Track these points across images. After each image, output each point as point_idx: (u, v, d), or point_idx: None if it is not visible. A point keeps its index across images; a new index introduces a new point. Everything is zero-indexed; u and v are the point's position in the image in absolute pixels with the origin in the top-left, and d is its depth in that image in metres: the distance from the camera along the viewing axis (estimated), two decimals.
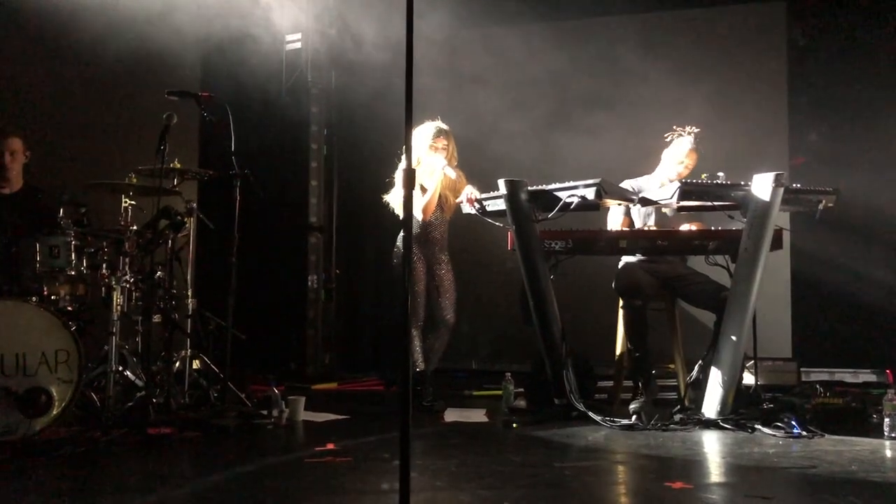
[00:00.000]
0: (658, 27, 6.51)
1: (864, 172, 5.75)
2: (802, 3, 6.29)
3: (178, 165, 4.55)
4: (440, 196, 4.83)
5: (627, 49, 6.35)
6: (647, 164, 4.92)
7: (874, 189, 5.64)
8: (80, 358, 3.70)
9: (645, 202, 4.54)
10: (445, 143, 4.79)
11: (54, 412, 3.63)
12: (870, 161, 5.90)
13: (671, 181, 4.69)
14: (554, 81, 6.34)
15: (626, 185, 4.77)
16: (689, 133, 4.74)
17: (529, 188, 4.40)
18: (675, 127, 4.80)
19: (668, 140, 4.81)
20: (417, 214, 4.77)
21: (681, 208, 4.54)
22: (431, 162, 4.79)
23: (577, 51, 6.31)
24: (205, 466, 3.42)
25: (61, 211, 4.11)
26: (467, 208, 4.72)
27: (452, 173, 4.74)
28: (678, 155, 4.72)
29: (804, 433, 3.88)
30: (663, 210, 4.71)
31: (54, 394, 3.64)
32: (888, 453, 3.61)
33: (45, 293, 4.01)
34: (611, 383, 4.89)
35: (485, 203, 4.61)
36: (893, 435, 3.85)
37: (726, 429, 4.05)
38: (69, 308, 4.09)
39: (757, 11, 6.41)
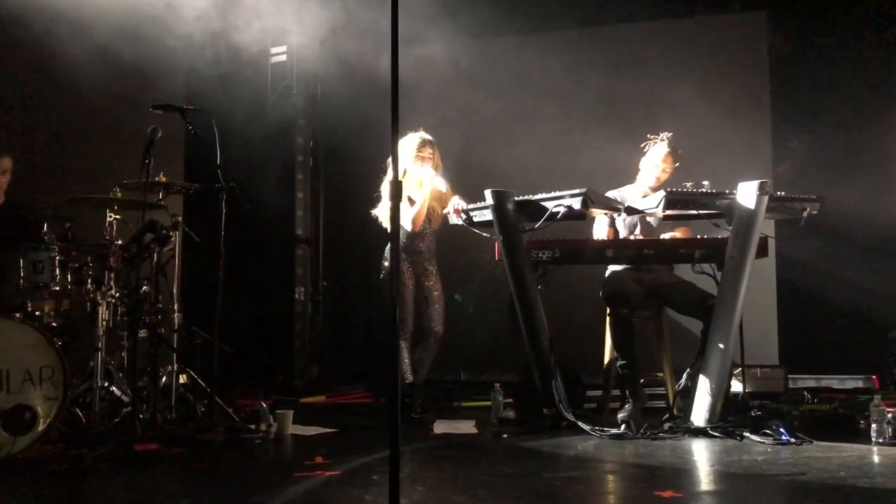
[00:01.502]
0: (641, 38, 6.55)
1: (848, 179, 5.79)
2: (783, 12, 6.35)
3: (164, 179, 4.53)
4: (428, 207, 4.82)
5: (611, 60, 6.40)
6: (631, 173, 4.94)
7: (858, 196, 5.68)
8: (64, 374, 3.66)
9: (631, 211, 4.56)
10: (431, 152, 4.80)
11: (39, 429, 3.59)
12: (853, 168, 5.96)
13: (651, 188, 4.73)
14: (539, 93, 6.37)
15: (609, 195, 4.78)
16: (663, 139, 4.78)
17: (516, 198, 4.41)
18: (649, 136, 4.84)
19: (644, 150, 4.85)
20: (406, 225, 4.77)
21: (666, 217, 4.56)
22: (418, 173, 4.80)
23: (561, 62, 6.34)
24: (192, 482, 3.39)
25: (45, 226, 4.08)
26: (454, 219, 4.72)
27: (443, 185, 4.74)
28: (655, 160, 4.76)
29: (792, 440, 3.89)
30: (647, 219, 4.74)
31: (39, 411, 3.60)
32: (876, 459, 3.63)
33: (29, 309, 3.98)
34: (599, 392, 4.89)
35: (472, 213, 4.62)
36: (881, 440, 3.86)
37: (715, 437, 4.05)
38: (54, 324, 4.06)
39: (738, 21, 6.47)
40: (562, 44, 6.57)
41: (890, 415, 3.91)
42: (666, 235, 4.71)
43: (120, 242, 4.25)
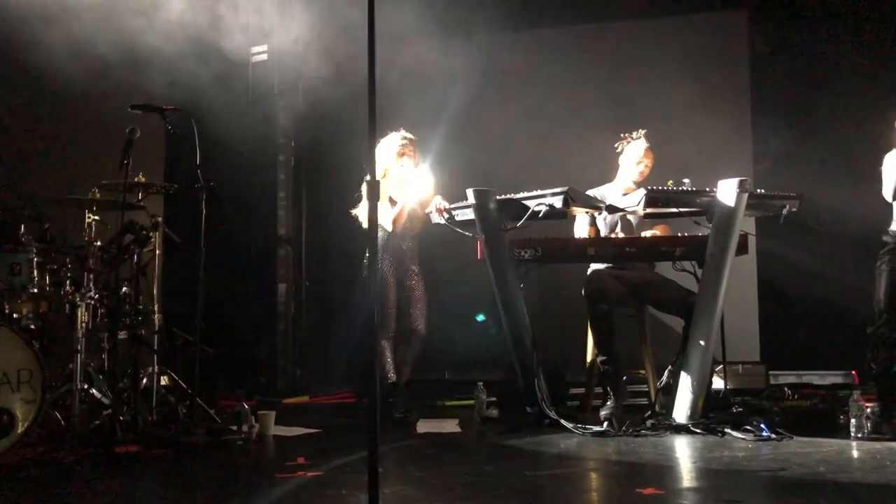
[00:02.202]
0: (622, 36, 6.57)
1: (828, 177, 5.84)
2: (763, 12, 6.40)
3: (143, 179, 4.50)
4: (409, 209, 4.82)
5: (591, 58, 6.41)
6: (611, 171, 4.96)
7: (837, 193, 5.73)
8: (43, 377, 3.62)
9: (612, 210, 4.58)
10: (412, 151, 4.80)
11: (17, 433, 3.55)
12: (832, 165, 6.00)
13: (635, 182, 4.75)
14: (521, 91, 6.37)
15: (590, 194, 4.80)
16: (637, 137, 4.81)
17: (498, 197, 4.42)
18: (622, 135, 4.87)
19: (618, 150, 4.88)
20: (387, 226, 4.76)
21: (647, 215, 4.58)
22: (400, 173, 4.80)
23: (543, 61, 6.35)
24: (173, 485, 3.37)
25: (23, 227, 4.03)
26: (436, 218, 4.72)
27: (428, 187, 4.74)
28: (636, 156, 4.79)
29: (773, 436, 3.92)
30: (628, 217, 4.76)
31: (17, 414, 3.55)
32: (854, 454, 3.66)
33: (7, 311, 3.93)
34: (582, 390, 4.91)
35: (454, 213, 4.62)
36: (860, 435, 3.90)
37: (697, 433, 4.07)
38: (32, 326, 4.01)
39: (719, 20, 6.50)
40: (544, 43, 6.58)
41: (868, 410, 3.96)
42: (647, 233, 4.72)
43: (99, 243, 4.22)
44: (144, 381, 4.41)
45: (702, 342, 4.21)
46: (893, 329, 4.23)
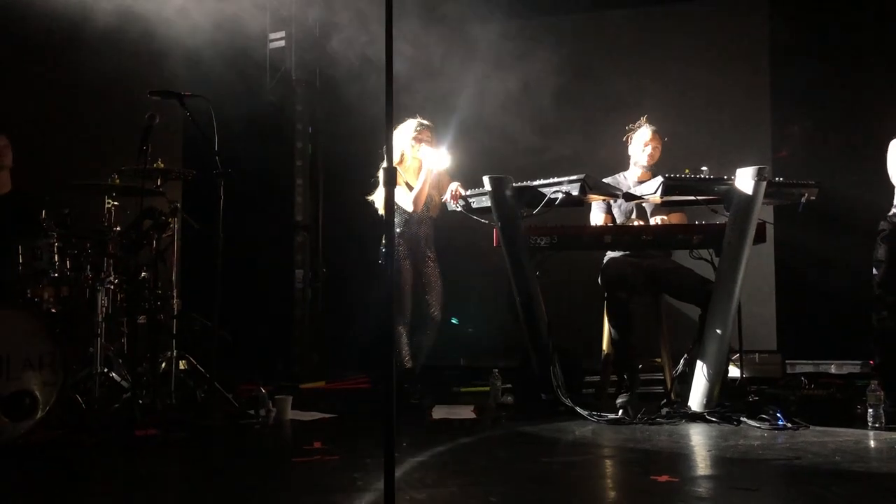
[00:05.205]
0: (639, 22, 6.52)
1: (848, 164, 5.78)
2: None
3: (162, 165, 4.53)
4: (426, 195, 4.82)
5: (611, 45, 6.37)
6: (627, 161, 4.94)
7: (858, 181, 5.67)
8: (64, 360, 3.67)
9: (629, 197, 4.57)
10: (429, 136, 4.80)
11: (39, 415, 3.61)
12: (852, 153, 5.94)
13: (644, 166, 4.75)
14: (538, 78, 6.34)
15: (605, 182, 4.78)
16: (640, 125, 4.82)
17: (514, 184, 4.41)
18: (627, 127, 4.86)
19: (626, 141, 4.88)
20: (408, 207, 4.78)
21: (664, 203, 4.56)
22: (419, 155, 4.80)
23: (561, 47, 6.31)
24: (191, 467, 3.41)
25: (43, 213, 4.08)
26: (452, 205, 4.72)
27: (447, 161, 4.74)
28: (642, 141, 4.80)
29: (789, 425, 3.91)
30: (643, 205, 4.74)
31: (39, 396, 3.61)
32: (871, 444, 3.64)
33: (29, 295, 3.99)
34: (597, 378, 4.91)
35: (470, 200, 4.63)
36: (877, 425, 3.88)
37: (712, 422, 4.07)
38: (53, 310, 4.06)
39: (739, 6, 6.43)
40: (563, 29, 6.54)
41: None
42: (657, 219, 4.68)
43: (118, 229, 4.26)
44: (163, 365, 4.45)
45: (718, 330, 4.20)
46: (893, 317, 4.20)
